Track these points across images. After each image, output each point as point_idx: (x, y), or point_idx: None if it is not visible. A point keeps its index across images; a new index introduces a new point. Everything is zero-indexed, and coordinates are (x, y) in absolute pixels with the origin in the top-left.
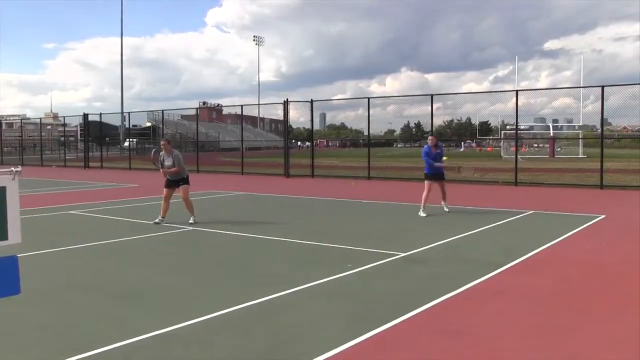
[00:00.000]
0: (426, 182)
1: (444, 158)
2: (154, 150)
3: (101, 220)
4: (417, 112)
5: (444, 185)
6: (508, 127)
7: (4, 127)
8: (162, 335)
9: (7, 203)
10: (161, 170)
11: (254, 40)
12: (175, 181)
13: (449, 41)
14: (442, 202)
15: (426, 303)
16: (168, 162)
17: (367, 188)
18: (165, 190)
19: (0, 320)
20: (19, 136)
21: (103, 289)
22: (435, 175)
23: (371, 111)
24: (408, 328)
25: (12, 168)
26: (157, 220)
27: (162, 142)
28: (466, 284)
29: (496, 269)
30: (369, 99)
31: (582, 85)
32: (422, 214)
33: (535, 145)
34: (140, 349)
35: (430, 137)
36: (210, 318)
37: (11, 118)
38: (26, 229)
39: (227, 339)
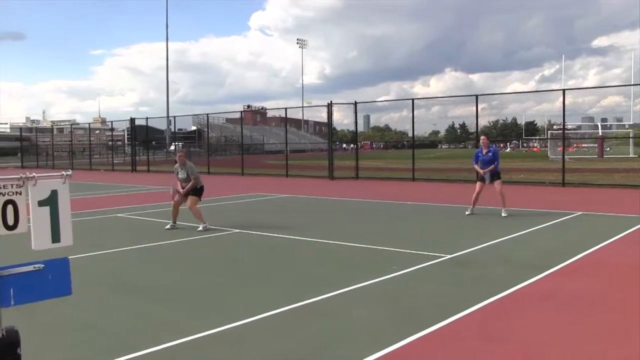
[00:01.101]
0: (477, 183)
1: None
2: (172, 189)
3: (147, 223)
4: (462, 113)
5: (499, 188)
6: (555, 127)
7: (55, 132)
8: (206, 336)
9: (59, 206)
10: (178, 183)
11: (297, 43)
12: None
13: (493, 41)
14: (502, 207)
15: (471, 306)
16: (182, 175)
17: (412, 190)
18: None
19: (49, 319)
20: (69, 141)
21: (149, 290)
22: (488, 175)
23: (415, 112)
24: (453, 332)
25: (63, 172)
26: (168, 227)
27: (179, 154)
28: (512, 287)
29: (543, 272)
30: (413, 100)
31: (632, 83)
32: (467, 212)
33: (584, 145)
34: (186, 350)
35: (482, 137)
36: (254, 320)
37: (62, 123)
38: (75, 231)
39: (271, 340)
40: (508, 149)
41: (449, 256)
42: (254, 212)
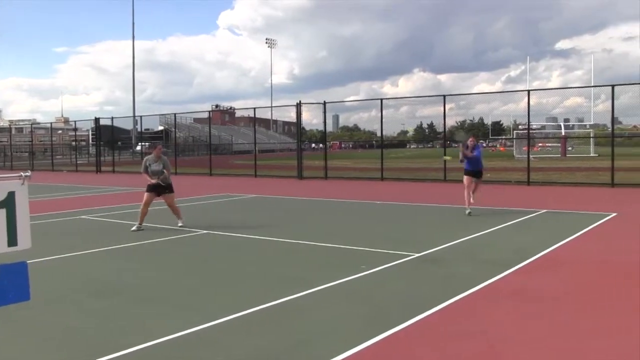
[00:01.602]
0: (465, 178)
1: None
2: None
3: (113, 225)
4: (430, 113)
5: (478, 185)
6: (520, 126)
7: (13, 132)
8: (180, 337)
9: (16, 208)
10: (145, 174)
11: (266, 42)
12: (162, 188)
13: (462, 42)
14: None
15: (441, 303)
16: (157, 167)
17: (381, 189)
18: (147, 195)
19: (21, 324)
20: (29, 141)
21: (120, 292)
22: (473, 172)
23: (384, 112)
24: (423, 328)
25: (22, 173)
26: (134, 229)
27: (159, 147)
28: (480, 283)
29: (510, 269)
30: (381, 100)
31: (592, 85)
32: (467, 211)
33: (548, 145)
34: (160, 351)
35: (470, 138)
36: (228, 320)
37: (21, 123)
38: (38, 234)
39: (245, 340)
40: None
41: (417, 255)
42: (223, 213)
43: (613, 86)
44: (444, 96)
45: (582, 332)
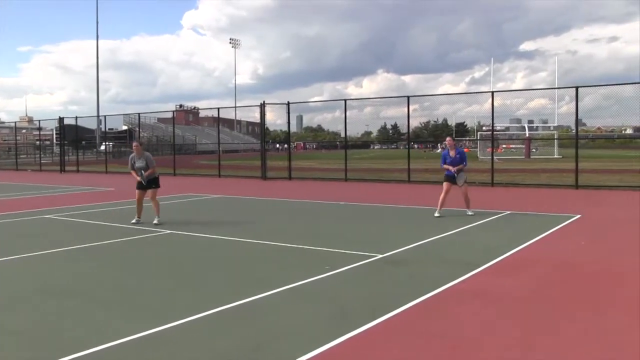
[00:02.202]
0: (444, 184)
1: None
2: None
3: (77, 224)
4: (394, 114)
5: (465, 190)
6: (484, 128)
7: None
8: (142, 338)
9: None
10: (133, 172)
11: (230, 42)
12: (148, 183)
13: (425, 43)
14: (466, 208)
15: (405, 304)
16: (140, 164)
17: (345, 190)
18: (138, 192)
19: None
20: None
21: (80, 293)
22: (451, 176)
23: (348, 113)
24: (387, 329)
25: None
26: (134, 221)
27: (134, 144)
28: (444, 284)
29: (474, 270)
30: (345, 100)
31: (556, 87)
32: (436, 214)
33: (512, 146)
34: (121, 352)
35: (447, 139)
36: (190, 320)
37: None
38: (1, 233)
39: (208, 341)
40: (439, 150)
41: (381, 255)
42: (187, 213)
43: (577, 88)
44: (408, 97)
45: (544, 332)
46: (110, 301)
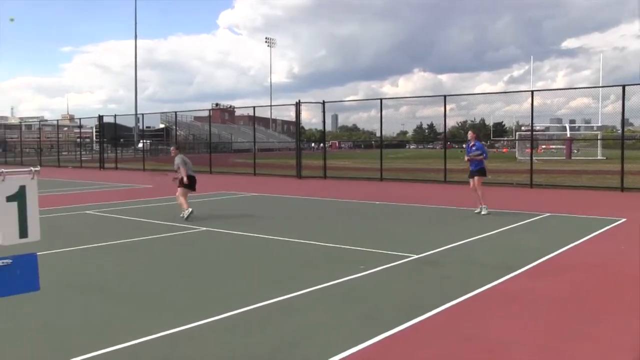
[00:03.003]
0: (470, 180)
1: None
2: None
3: (115, 220)
4: (430, 114)
5: (478, 184)
6: (523, 128)
7: (23, 129)
8: (170, 335)
9: (26, 202)
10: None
11: (265, 41)
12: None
13: (462, 41)
14: (480, 205)
15: (439, 306)
16: (175, 167)
17: (380, 189)
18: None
19: (9, 318)
20: (37, 138)
21: (112, 288)
22: (471, 171)
23: (383, 112)
24: (420, 331)
25: (31, 168)
26: (183, 215)
27: (171, 149)
28: (479, 287)
29: (510, 273)
30: (381, 100)
31: (601, 85)
32: (476, 211)
33: (552, 146)
34: (149, 348)
35: (469, 132)
36: (219, 319)
37: (30, 120)
38: (41, 228)
39: (234, 339)
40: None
41: (416, 256)
42: (222, 210)
43: (624, 86)
44: (445, 96)
45: (580, 337)
46: (140, 298)
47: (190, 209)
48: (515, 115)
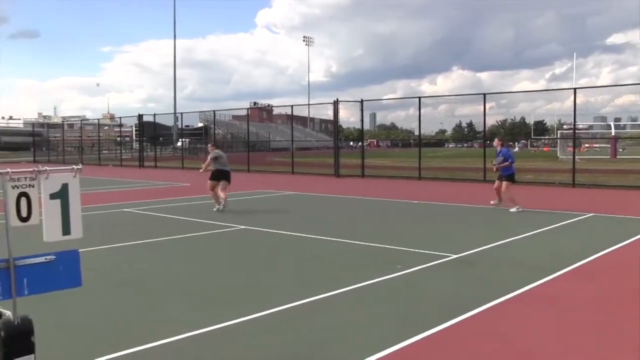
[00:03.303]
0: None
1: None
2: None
3: (154, 218)
4: (469, 112)
5: (502, 186)
6: (565, 126)
7: (65, 128)
8: (206, 333)
9: (69, 199)
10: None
11: (303, 40)
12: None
13: (502, 39)
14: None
15: (476, 307)
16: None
17: (418, 188)
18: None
19: (52, 314)
20: (79, 136)
21: (151, 285)
22: (500, 175)
23: (422, 111)
24: (457, 332)
25: (74, 166)
26: (217, 209)
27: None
28: (518, 289)
29: (550, 274)
30: (419, 98)
31: None
32: (513, 209)
33: (596, 145)
34: (185, 345)
35: (495, 140)
36: (256, 317)
37: (72, 119)
38: (83, 225)
39: (270, 338)
40: (516, 149)
41: (455, 256)
42: (260, 209)
43: None
44: (484, 94)
45: (621, 342)
46: (180, 294)
47: (217, 207)
48: (557, 113)
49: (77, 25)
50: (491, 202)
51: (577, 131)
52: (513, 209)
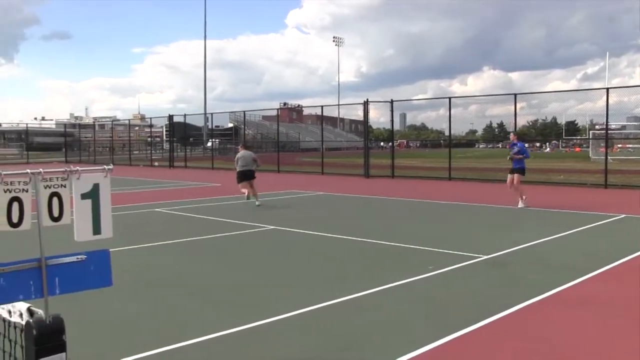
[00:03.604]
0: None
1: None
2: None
3: (184, 218)
4: (500, 112)
5: (515, 181)
6: (597, 126)
7: (96, 128)
8: (237, 332)
9: (100, 199)
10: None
11: (333, 40)
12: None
13: (533, 38)
14: (519, 200)
15: (507, 308)
16: None
17: (448, 189)
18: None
19: (83, 313)
20: (110, 137)
21: (181, 285)
22: (512, 169)
23: (452, 111)
24: (488, 333)
25: (105, 166)
26: (258, 204)
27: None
28: (549, 290)
29: (582, 276)
30: (450, 98)
31: None
32: (520, 205)
33: (629, 145)
34: (216, 345)
35: (511, 134)
36: (287, 317)
37: (103, 120)
38: (114, 225)
39: (301, 338)
40: (547, 149)
41: (486, 257)
42: (290, 209)
43: None
44: (515, 95)
45: None
46: (210, 294)
47: (257, 203)
48: (589, 113)
49: (108, 26)
50: (519, 205)
51: (609, 131)
52: (520, 205)
